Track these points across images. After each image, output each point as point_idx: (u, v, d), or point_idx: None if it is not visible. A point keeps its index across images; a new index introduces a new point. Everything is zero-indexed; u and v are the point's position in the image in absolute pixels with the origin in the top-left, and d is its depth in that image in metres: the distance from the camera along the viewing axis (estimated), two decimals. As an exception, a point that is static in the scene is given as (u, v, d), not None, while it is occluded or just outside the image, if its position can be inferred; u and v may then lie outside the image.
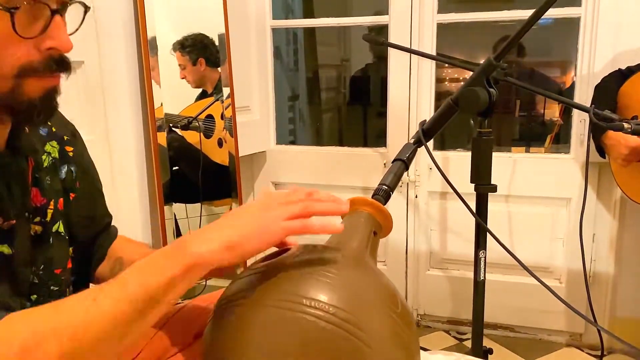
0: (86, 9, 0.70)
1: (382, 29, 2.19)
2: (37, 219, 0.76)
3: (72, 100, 0.71)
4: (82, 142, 0.89)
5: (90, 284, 0.94)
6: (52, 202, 0.79)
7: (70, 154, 0.85)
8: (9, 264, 0.70)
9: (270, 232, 0.62)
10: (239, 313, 0.64)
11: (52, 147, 0.81)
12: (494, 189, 1.01)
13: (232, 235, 0.61)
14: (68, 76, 0.69)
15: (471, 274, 1.08)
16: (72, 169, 0.84)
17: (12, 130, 0.72)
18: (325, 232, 0.66)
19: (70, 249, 0.85)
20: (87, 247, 0.91)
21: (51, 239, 0.78)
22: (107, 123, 1.62)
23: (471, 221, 1.06)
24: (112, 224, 0.98)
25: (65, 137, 0.84)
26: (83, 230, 0.87)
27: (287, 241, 0.72)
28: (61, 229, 0.81)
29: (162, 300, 0.59)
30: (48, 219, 0.78)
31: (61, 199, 0.81)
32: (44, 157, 0.79)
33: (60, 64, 0.66)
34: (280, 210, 0.63)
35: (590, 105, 1.63)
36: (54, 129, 0.83)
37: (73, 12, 0.70)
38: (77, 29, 0.70)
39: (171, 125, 1.83)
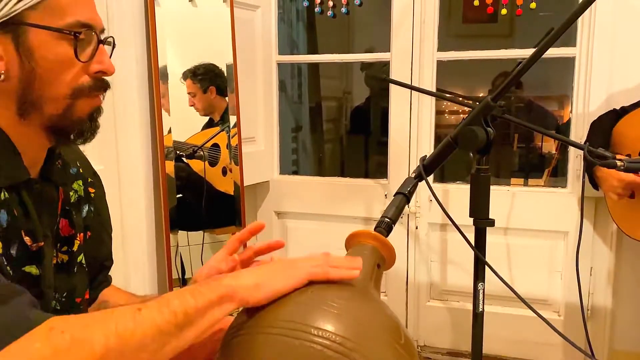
0: (114, 46, 0.81)
1: (371, 66, 2.25)
2: (65, 248, 0.81)
3: None
4: (101, 186, 0.95)
5: None
6: (79, 235, 0.84)
7: (92, 194, 0.90)
8: (37, 285, 0.74)
9: (296, 274, 0.69)
10: (248, 341, 0.66)
11: (78, 186, 0.87)
12: (491, 223, 1.05)
13: (262, 275, 0.68)
14: (104, 96, 0.78)
15: (471, 306, 1.11)
16: (92, 208, 0.90)
17: (46, 163, 0.78)
18: (343, 278, 0.71)
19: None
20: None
21: (75, 269, 0.83)
22: (118, 153, 1.67)
23: (471, 253, 1.09)
24: (114, 260, 1.01)
25: (90, 179, 0.91)
26: (90, 269, 0.90)
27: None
28: (83, 261, 0.85)
29: (197, 322, 0.63)
30: (75, 249, 0.82)
31: (81, 234, 0.86)
32: (71, 193, 0.85)
33: (104, 84, 0.76)
34: (306, 261, 0.71)
35: (585, 143, 1.69)
36: (81, 170, 0.89)
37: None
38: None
39: (178, 153, 1.88)
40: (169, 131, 1.82)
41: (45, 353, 0.54)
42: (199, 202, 1.97)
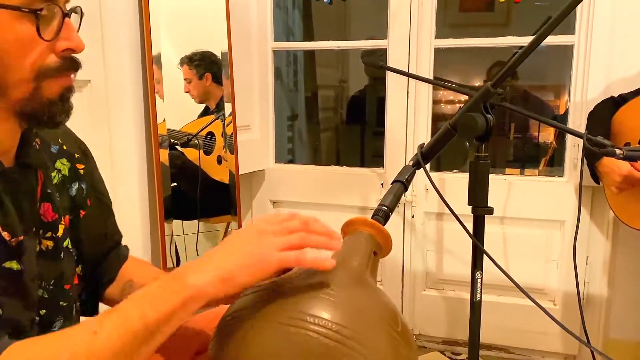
0: (82, 15, 0.73)
1: (374, 53, 2.24)
2: (49, 234, 0.77)
3: (79, 119, 0.74)
4: (93, 160, 0.90)
5: (100, 305, 0.94)
6: (63, 218, 0.79)
7: (81, 171, 0.85)
8: (18, 280, 0.70)
9: (266, 263, 0.63)
10: (243, 329, 0.65)
11: (62, 165, 0.82)
12: (490, 211, 1.04)
13: (228, 266, 0.62)
14: (75, 75, 0.72)
15: (467, 295, 1.10)
16: (83, 186, 0.85)
17: (21, 147, 0.73)
18: (316, 267, 0.67)
19: (79, 267, 0.85)
20: (97, 266, 0.91)
21: (62, 254, 0.79)
22: (111, 140, 1.65)
23: (467, 242, 1.08)
24: (123, 244, 0.98)
25: (76, 155, 0.85)
26: (93, 248, 0.87)
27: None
28: (70, 245, 0.81)
29: (161, 331, 0.60)
30: (59, 234, 0.78)
31: (67, 217, 0.81)
32: (53, 173, 0.80)
33: (73, 64, 0.70)
34: (277, 240, 0.65)
35: (584, 132, 1.68)
36: (65, 147, 0.83)
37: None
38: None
39: (172, 141, 1.86)
40: (164, 119, 1.80)
41: None
42: (193, 190, 1.96)
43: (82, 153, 0.88)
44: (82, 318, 0.88)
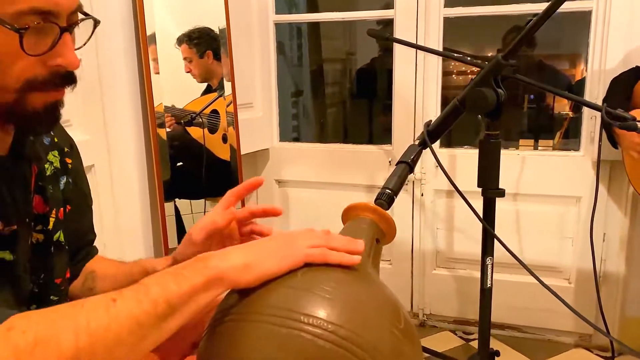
0: (96, 22, 0.70)
1: (390, 23, 2.15)
2: (39, 227, 0.76)
3: (70, 100, 0.71)
4: (79, 156, 0.90)
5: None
6: (54, 211, 0.78)
7: (69, 166, 0.85)
8: (11, 271, 0.69)
9: (292, 255, 0.63)
10: (234, 329, 0.61)
11: (54, 157, 0.81)
12: (501, 193, 0.97)
13: (253, 254, 0.62)
14: (73, 88, 0.69)
15: (478, 274, 1.05)
16: (70, 180, 0.85)
17: (16, 137, 0.72)
18: (342, 263, 0.65)
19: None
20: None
21: (52, 248, 0.78)
22: (105, 121, 1.60)
23: (478, 220, 1.02)
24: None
25: (66, 149, 0.85)
26: (70, 244, 0.86)
27: None
28: (61, 238, 0.80)
29: (181, 310, 0.58)
30: (50, 227, 0.77)
31: (62, 209, 0.81)
32: (46, 165, 0.79)
33: (66, 79, 0.67)
34: (304, 240, 0.65)
35: (603, 102, 1.59)
36: (56, 139, 0.83)
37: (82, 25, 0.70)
38: (85, 43, 0.69)
39: (175, 120, 1.81)
40: (162, 98, 1.74)
41: (5, 356, 0.49)
42: (199, 169, 1.92)
43: (70, 147, 0.87)
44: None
